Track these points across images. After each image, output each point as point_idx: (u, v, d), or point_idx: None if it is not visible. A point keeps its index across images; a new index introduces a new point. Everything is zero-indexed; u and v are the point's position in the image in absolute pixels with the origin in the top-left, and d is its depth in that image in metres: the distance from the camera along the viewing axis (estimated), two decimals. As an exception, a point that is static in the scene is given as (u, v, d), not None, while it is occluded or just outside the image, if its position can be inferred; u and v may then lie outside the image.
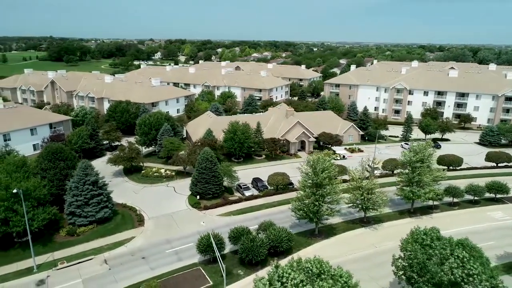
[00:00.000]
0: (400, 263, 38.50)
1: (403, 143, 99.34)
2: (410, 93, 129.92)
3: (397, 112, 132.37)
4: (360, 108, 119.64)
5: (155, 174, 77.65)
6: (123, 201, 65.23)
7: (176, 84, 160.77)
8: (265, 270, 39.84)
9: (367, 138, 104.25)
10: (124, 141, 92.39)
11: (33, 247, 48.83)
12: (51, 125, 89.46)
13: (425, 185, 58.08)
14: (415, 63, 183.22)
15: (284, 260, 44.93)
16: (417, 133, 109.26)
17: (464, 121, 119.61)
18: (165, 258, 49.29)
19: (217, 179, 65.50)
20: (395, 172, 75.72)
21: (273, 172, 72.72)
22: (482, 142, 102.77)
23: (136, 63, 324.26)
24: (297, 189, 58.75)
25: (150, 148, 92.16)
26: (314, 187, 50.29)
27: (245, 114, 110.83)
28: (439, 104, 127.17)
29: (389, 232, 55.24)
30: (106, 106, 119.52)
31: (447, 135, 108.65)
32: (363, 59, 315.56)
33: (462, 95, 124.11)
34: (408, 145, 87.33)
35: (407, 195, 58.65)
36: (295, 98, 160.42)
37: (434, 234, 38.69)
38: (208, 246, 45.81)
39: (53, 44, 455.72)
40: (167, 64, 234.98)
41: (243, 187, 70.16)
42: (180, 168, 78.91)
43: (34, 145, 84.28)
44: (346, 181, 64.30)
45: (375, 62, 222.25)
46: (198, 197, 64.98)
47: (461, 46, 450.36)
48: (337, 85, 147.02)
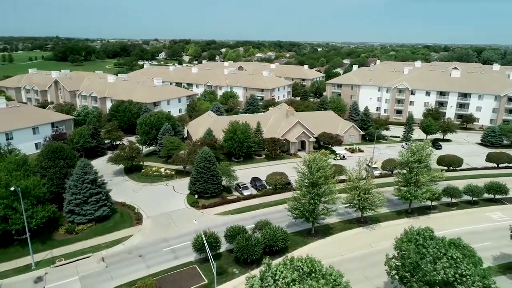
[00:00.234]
0: (393, 262, 38.62)
1: (403, 143, 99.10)
2: (412, 93, 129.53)
3: (399, 112, 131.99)
4: (361, 108, 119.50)
5: (155, 173, 78.19)
6: (122, 200, 65.87)
7: (178, 84, 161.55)
8: (260, 269, 40.02)
9: (367, 138, 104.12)
10: (126, 141, 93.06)
11: (32, 245, 49.63)
12: (53, 124, 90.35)
13: (423, 186, 57.97)
14: (418, 63, 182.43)
15: (279, 259, 45.09)
16: (418, 133, 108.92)
17: (466, 121, 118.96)
18: (161, 257, 49.73)
19: (215, 178, 65.87)
20: (394, 172, 75.64)
21: (272, 171, 73.02)
22: (484, 143, 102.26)
23: (140, 63, 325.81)
24: (295, 189, 58.89)
25: (151, 147, 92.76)
26: (310, 187, 50.49)
27: (246, 114, 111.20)
28: (441, 104, 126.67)
29: (386, 232, 55.20)
30: (109, 105, 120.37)
31: (449, 136, 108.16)
32: (367, 59, 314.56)
33: (465, 95, 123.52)
34: (408, 145, 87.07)
35: (404, 195, 58.66)
36: (298, 98, 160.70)
37: (427, 234, 38.81)
38: (204, 244, 46.14)
39: (58, 44, 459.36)
40: (171, 64, 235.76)
41: (241, 186, 70.46)
42: (180, 167, 79.39)
43: (36, 144, 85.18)
44: (343, 181, 64.33)
45: (378, 62, 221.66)
46: (196, 196, 65.39)
47: (467, 46, 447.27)
48: (339, 85, 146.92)
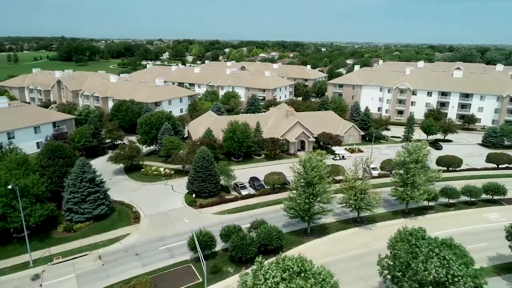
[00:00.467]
0: (386, 262, 38.72)
1: (403, 143, 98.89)
2: (414, 93, 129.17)
3: (400, 112, 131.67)
4: (363, 109, 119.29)
5: (154, 172, 78.70)
6: (121, 199, 66.43)
7: (181, 84, 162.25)
8: (252, 268, 40.25)
9: (368, 139, 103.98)
10: (126, 140, 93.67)
11: (31, 243, 50.37)
12: (54, 124, 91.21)
13: (420, 186, 57.90)
14: (421, 64, 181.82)
15: (273, 258, 45.25)
16: (419, 134, 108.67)
17: (468, 122, 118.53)
18: (157, 255, 50.15)
19: (213, 178, 66.20)
20: (393, 172, 75.57)
21: (271, 171, 73.20)
22: (485, 144, 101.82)
23: (144, 63, 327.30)
24: (290, 189, 59.10)
25: (151, 147, 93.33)
26: (306, 186, 50.65)
27: (246, 114, 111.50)
28: (442, 105, 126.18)
29: (382, 232, 55.13)
30: (111, 105, 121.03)
31: (450, 136, 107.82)
32: (370, 59, 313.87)
33: (466, 95, 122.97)
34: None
35: (400, 196, 58.64)
36: (300, 98, 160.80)
37: (420, 234, 38.88)
38: (199, 243, 46.43)
39: (63, 44, 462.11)
40: (174, 64, 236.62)
41: (240, 186, 70.76)
42: (180, 167, 79.83)
43: (37, 143, 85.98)
44: (341, 181, 64.34)
45: (381, 62, 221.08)
46: (194, 195, 65.77)
47: (472, 46, 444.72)
48: (341, 86, 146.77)
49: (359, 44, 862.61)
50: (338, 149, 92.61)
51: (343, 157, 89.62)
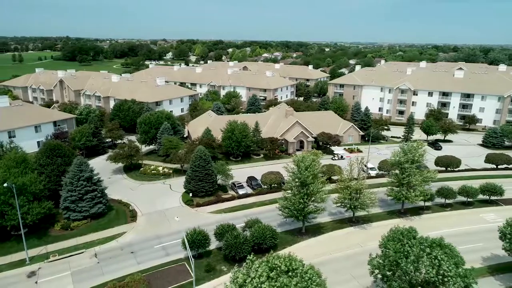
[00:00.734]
0: (377, 261, 38.86)
1: (403, 144, 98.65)
2: (415, 93, 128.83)
3: (401, 113, 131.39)
4: (363, 109, 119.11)
5: (153, 172, 79.19)
6: (119, 197, 67.05)
7: (182, 84, 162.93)
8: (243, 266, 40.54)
9: (367, 139, 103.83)
10: (126, 140, 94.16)
11: (28, 240, 51.16)
12: (55, 123, 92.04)
13: (415, 186, 57.84)
14: (423, 64, 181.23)
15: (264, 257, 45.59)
16: (419, 134, 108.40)
17: (469, 122, 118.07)
18: (153, 253, 50.56)
19: (210, 177, 66.55)
20: (389, 172, 75.49)
21: (269, 171, 73.44)
22: (485, 144, 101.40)
23: (147, 63, 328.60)
24: (284, 189, 59.22)
25: (151, 146, 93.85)
26: (300, 186, 50.82)
27: (246, 114, 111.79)
28: (444, 105, 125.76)
29: (377, 232, 54.87)
30: (112, 104, 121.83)
31: (450, 136, 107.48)
32: (373, 59, 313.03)
33: (468, 96, 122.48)
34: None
35: (396, 196, 58.65)
36: (301, 99, 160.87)
37: (411, 235, 38.98)
38: (193, 242, 46.90)
39: (67, 44, 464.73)
40: (177, 64, 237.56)
41: (237, 185, 71.06)
42: (179, 166, 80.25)
43: (38, 142, 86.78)
44: (334, 181, 64.41)
45: (383, 62, 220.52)
46: (190, 194, 66.16)
47: (477, 46, 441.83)
48: (341, 86, 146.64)
49: (364, 44, 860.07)
50: (337, 149, 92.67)
51: (341, 157, 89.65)
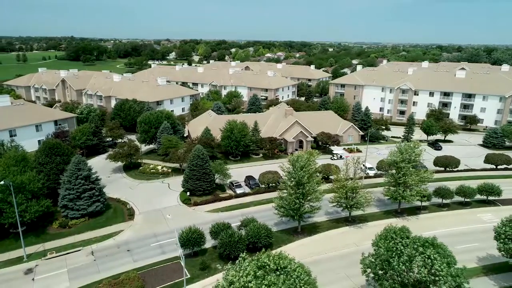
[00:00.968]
0: (369, 260, 38.97)
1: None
2: (416, 93, 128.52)
3: (402, 113, 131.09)
4: (364, 109, 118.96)
5: (152, 171, 79.63)
6: (118, 196, 67.54)
7: (184, 84, 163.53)
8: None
9: (367, 139, 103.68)
10: (126, 139, 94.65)
11: (26, 238, 51.83)
12: (56, 122, 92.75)
13: (412, 186, 57.84)
14: (425, 64, 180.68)
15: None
16: (420, 134, 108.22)
17: (470, 122, 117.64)
18: (149, 251, 50.94)
19: (208, 176, 66.86)
20: (386, 172, 75.47)
21: (267, 170, 73.66)
22: (486, 144, 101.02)
23: (150, 62, 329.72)
24: (280, 188, 59.48)
25: (151, 145, 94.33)
26: (295, 186, 50.97)
27: (246, 114, 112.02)
28: (445, 105, 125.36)
29: (372, 231, 54.35)
30: (114, 104, 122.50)
31: (451, 137, 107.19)
32: (376, 59, 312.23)
33: (469, 96, 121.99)
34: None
35: (392, 196, 58.69)
36: (303, 98, 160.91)
37: (404, 234, 39.03)
38: (188, 240, 47.25)
39: (72, 44, 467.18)
40: (179, 64, 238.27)
41: (235, 184, 71.31)
42: (178, 165, 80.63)
43: (39, 141, 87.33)
44: (331, 181, 64.42)
45: (385, 62, 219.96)
46: (188, 193, 66.49)
47: (481, 46, 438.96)
48: (343, 86, 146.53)
49: (368, 44, 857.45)
50: (337, 149, 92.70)
51: (341, 157, 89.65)
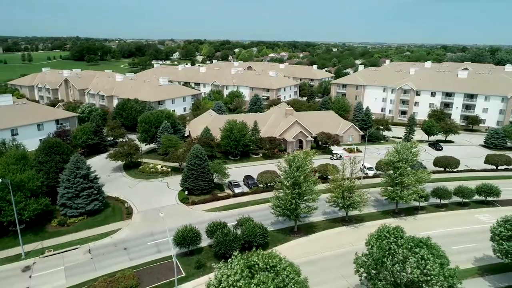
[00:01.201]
0: (362, 260, 39.01)
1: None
2: (417, 94, 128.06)
3: (403, 113, 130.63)
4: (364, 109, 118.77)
5: (152, 170, 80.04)
6: (117, 195, 67.96)
7: (186, 83, 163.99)
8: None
9: (367, 139, 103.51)
10: (127, 138, 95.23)
11: (25, 236, 52.46)
12: (57, 121, 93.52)
13: (409, 186, 57.74)
14: (428, 64, 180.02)
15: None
16: (421, 134, 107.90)
17: (472, 123, 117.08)
18: (145, 250, 51.30)
19: (206, 176, 67.11)
20: (384, 172, 75.37)
21: (265, 170, 73.79)
22: (487, 145, 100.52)
23: (154, 62, 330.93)
24: (276, 188, 59.58)
25: (151, 145, 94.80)
26: (291, 186, 51.06)
27: (247, 113, 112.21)
28: (446, 105, 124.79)
29: (369, 231, 53.92)
30: (116, 103, 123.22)
31: (452, 137, 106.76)
32: (379, 59, 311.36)
33: (471, 96, 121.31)
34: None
35: (390, 196, 58.62)
36: (304, 98, 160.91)
37: (398, 234, 39.01)
38: (184, 239, 47.52)
39: (76, 44, 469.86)
40: (182, 64, 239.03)
41: (233, 184, 71.52)
42: (177, 164, 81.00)
43: (40, 140, 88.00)
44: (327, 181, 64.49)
45: (387, 62, 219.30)
46: (186, 192, 66.80)
47: (486, 47, 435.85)
48: (344, 86, 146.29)
49: (372, 44, 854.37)
50: (337, 149, 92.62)
51: (340, 156, 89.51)
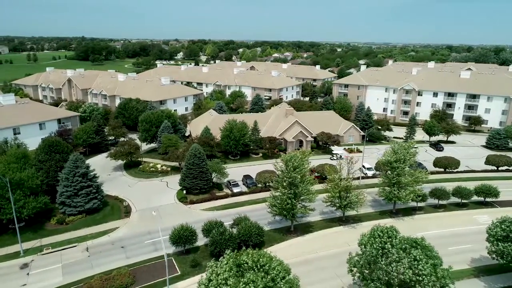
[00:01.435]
0: (355, 259, 39.08)
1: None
2: (419, 94, 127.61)
3: (405, 113, 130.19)
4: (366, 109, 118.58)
5: (152, 169, 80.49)
6: (116, 194, 68.46)
7: (189, 83, 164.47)
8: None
9: (368, 139, 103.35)
10: (128, 137, 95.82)
11: (24, 233, 53.13)
12: (59, 121, 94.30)
13: (406, 186, 57.64)
14: (431, 64, 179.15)
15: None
16: (422, 135, 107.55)
17: (474, 123, 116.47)
18: (142, 248, 51.67)
19: (204, 175, 67.40)
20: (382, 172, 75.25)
21: (264, 170, 74.02)
22: (489, 146, 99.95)
23: (157, 62, 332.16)
24: (273, 187, 59.76)
25: (152, 144, 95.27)
26: (288, 186, 51.17)
27: (248, 113, 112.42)
28: (449, 106, 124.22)
29: (366, 231, 55.19)
30: (118, 103, 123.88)
31: (453, 138, 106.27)
32: (383, 59, 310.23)
33: (473, 96, 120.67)
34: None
35: (387, 196, 58.58)
36: (307, 99, 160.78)
37: (392, 234, 39.03)
38: (180, 237, 47.82)
39: (81, 44, 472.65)
40: (185, 64, 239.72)
41: (232, 183, 71.77)
42: (177, 164, 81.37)
43: (42, 139, 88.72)
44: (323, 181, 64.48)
45: (390, 62, 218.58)
46: (185, 191, 67.14)
47: (492, 47, 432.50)
48: (346, 86, 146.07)
49: (377, 44, 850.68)
50: (337, 149, 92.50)
51: (340, 157, 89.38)
